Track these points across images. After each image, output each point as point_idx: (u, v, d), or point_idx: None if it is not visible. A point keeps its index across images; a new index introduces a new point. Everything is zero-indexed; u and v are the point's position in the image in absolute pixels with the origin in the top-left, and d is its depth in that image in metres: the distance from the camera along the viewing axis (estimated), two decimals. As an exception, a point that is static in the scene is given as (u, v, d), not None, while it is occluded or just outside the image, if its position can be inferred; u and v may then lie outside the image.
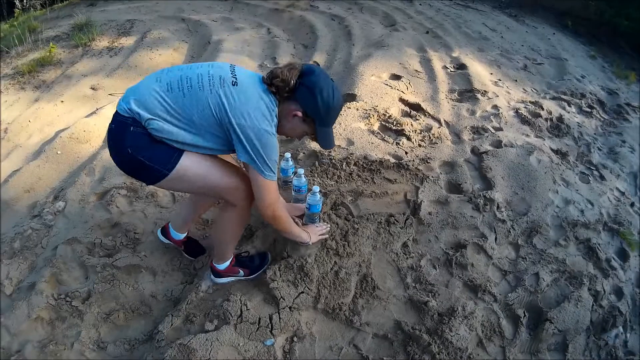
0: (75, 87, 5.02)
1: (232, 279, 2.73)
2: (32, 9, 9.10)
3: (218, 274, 2.69)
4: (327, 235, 2.86)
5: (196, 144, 2.15)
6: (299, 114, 2.16)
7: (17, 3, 9.19)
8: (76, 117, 4.44)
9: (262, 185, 2.14)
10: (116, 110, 2.14)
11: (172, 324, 2.53)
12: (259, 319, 2.51)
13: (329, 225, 2.93)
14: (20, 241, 3.06)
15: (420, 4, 8.84)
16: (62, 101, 4.72)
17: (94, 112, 4.40)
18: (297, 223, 2.77)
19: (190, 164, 2.16)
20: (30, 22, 7.07)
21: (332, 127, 2.34)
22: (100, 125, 4.18)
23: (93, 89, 5.01)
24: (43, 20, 7.48)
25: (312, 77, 2.12)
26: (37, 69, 5.43)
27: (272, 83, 2.11)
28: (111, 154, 2.20)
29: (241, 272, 2.71)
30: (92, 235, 3.07)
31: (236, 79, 2.09)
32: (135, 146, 2.08)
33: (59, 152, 3.87)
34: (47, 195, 3.52)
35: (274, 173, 2.15)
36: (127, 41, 6.27)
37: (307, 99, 2.13)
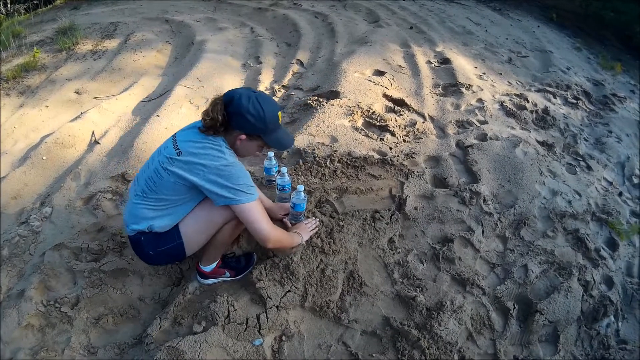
0: (60, 91, 4.97)
1: (219, 280, 2.74)
2: (16, 14, 9.05)
3: (204, 275, 2.70)
4: (317, 229, 2.88)
5: (189, 211, 2.45)
6: (243, 137, 2.32)
7: (1, 8, 9.13)
8: (61, 121, 4.40)
9: (249, 213, 2.28)
10: (127, 235, 2.53)
11: (160, 327, 2.52)
12: (247, 319, 2.51)
13: (316, 219, 2.96)
14: (8, 248, 3.04)
15: (403, 0, 8.85)
16: (46, 106, 4.68)
17: (78, 117, 4.35)
18: (285, 222, 2.87)
19: (186, 222, 2.44)
20: (14, 27, 7.02)
21: (281, 127, 2.45)
22: (84, 130, 4.14)
23: (77, 92, 4.97)
24: (27, 25, 7.43)
25: (234, 103, 2.24)
26: (22, 75, 5.38)
27: (207, 127, 2.27)
28: (144, 261, 2.62)
29: (227, 273, 2.73)
30: (79, 240, 3.05)
31: (179, 149, 2.29)
32: (151, 246, 2.44)
33: (44, 158, 3.84)
34: (34, 201, 3.49)
35: (252, 193, 2.30)
36: (111, 44, 6.24)
37: (241, 124, 2.27)
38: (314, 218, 2.96)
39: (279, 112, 2.37)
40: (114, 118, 4.44)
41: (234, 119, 2.24)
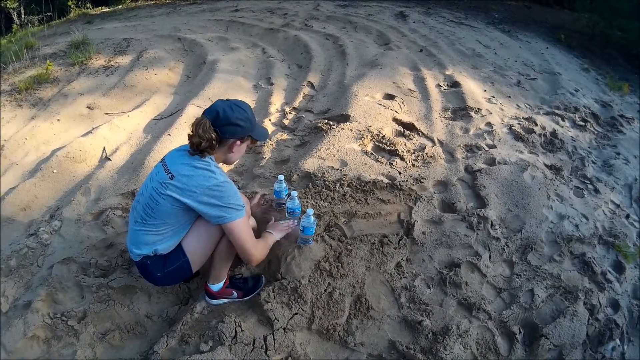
0: (72, 105, 5.03)
1: (226, 300, 2.75)
2: (29, 25, 9.15)
3: (212, 295, 2.72)
4: (290, 230, 2.93)
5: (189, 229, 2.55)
6: (238, 142, 2.49)
7: (15, 19, 9.24)
8: (72, 136, 4.46)
9: (237, 232, 2.40)
10: (134, 260, 2.60)
11: (167, 345, 2.53)
12: (254, 340, 2.51)
13: (294, 221, 3.01)
14: (16, 259, 3.07)
15: (414, 22, 8.93)
16: (58, 119, 4.72)
17: (89, 132, 4.41)
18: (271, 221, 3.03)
19: (188, 240, 2.53)
20: (28, 39, 7.09)
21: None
22: (96, 145, 4.19)
23: (89, 107, 5.01)
24: (40, 37, 7.51)
25: (221, 117, 2.38)
26: (34, 86, 5.44)
27: (201, 150, 2.38)
28: (153, 284, 2.75)
29: (235, 293, 2.75)
30: (88, 256, 3.08)
31: (170, 172, 2.40)
32: (158, 268, 2.52)
33: (55, 171, 3.88)
34: (43, 214, 3.52)
35: (241, 210, 2.41)
36: (123, 60, 6.31)
37: (232, 131, 2.43)
38: (292, 220, 3.02)
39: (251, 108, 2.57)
40: (125, 135, 4.49)
41: (227, 130, 2.39)
